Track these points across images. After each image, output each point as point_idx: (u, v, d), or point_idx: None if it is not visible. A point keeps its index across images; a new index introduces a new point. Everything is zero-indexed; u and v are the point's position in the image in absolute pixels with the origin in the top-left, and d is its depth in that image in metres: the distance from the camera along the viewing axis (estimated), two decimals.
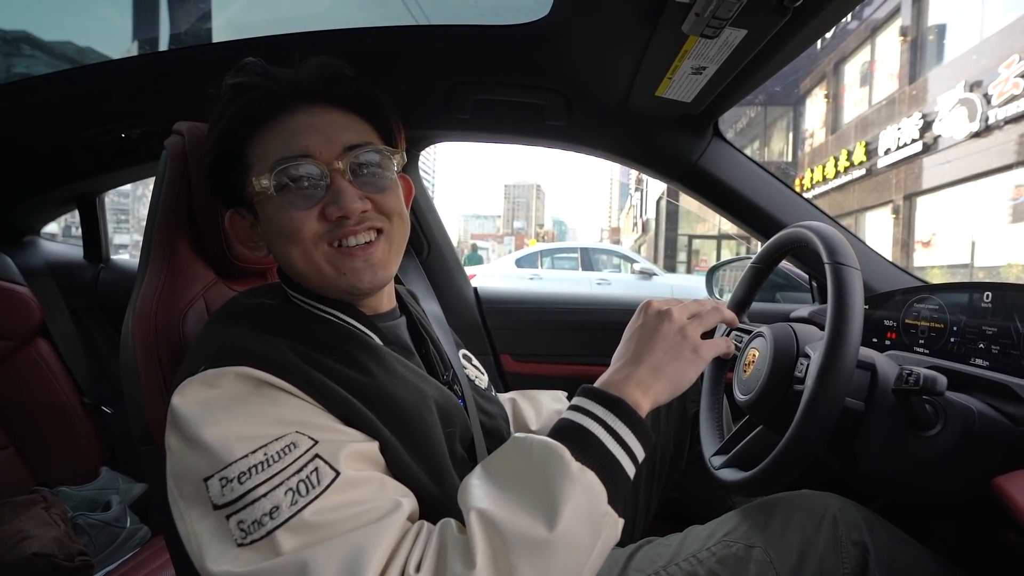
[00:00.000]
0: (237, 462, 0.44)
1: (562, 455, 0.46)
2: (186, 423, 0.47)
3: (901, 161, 9.36)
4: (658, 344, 0.55)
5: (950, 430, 0.64)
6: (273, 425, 0.47)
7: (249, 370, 0.49)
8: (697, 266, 15.90)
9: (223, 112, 0.58)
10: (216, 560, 0.43)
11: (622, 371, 0.54)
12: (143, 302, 0.64)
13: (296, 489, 0.44)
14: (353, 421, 0.51)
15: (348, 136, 0.57)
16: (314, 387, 0.51)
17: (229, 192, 0.60)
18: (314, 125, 0.56)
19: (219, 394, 0.49)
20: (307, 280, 0.59)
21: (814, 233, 0.67)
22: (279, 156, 0.55)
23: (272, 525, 0.43)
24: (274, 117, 0.56)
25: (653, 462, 0.93)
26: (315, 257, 0.56)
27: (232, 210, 0.62)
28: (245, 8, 1.85)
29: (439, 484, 0.55)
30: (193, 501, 0.46)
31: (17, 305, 1.28)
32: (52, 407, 1.31)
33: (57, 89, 1.11)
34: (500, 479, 0.48)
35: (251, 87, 0.57)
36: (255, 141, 0.57)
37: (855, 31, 11.33)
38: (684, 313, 0.58)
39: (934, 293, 0.91)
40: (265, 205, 0.57)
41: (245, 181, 0.57)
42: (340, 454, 0.47)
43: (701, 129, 1.12)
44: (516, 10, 0.92)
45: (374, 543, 0.43)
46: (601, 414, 0.50)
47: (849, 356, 0.57)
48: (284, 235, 0.56)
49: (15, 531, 0.99)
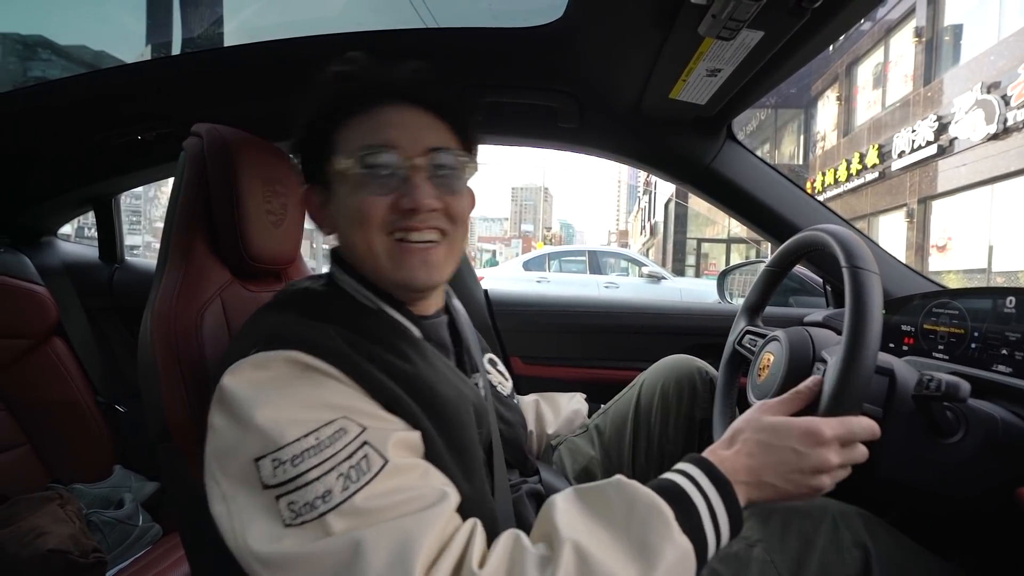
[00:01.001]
0: (290, 445, 0.45)
1: (668, 518, 0.46)
2: (237, 403, 0.48)
3: (915, 164, 9.23)
4: (791, 472, 0.53)
5: (972, 437, 0.63)
6: (323, 410, 0.48)
7: (298, 354, 0.51)
8: (706, 270, 15.79)
9: (322, 95, 0.61)
10: (261, 539, 0.44)
11: (743, 459, 0.53)
12: (162, 302, 0.65)
13: (347, 475, 0.45)
14: (396, 409, 0.52)
15: (431, 137, 0.60)
16: (359, 374, 0.52)
17: (307, 170, 0.64)
18: (402, 121, 0.59)
19: (269, 376, 0.50)
20: (363, 265, 0.61)
21: (831, 236, 0.66)
22: (364, 143, 0.58)
23: (324, 508, 0.44)
24: (366, 108, 0.60)
25: (661, 465, 0.92)
26: (376, 244, 0.58)
27: (309, 185, 0.65)
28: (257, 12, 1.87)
29: (470, 481, 0.55)
30: (239, 480, 0.47)
31: (35, 304, 1.30)
32: (67, 405, 1.32)
33: (74, 92, 1.12)
34: (597, 516, 0.48)
35: (351, 77, 0.60)
36: (345, 127, 0.60)
37: (869, 32, 11.20)
38: (837, 451, 0.54)
39: (954, 298, 0.89)
40: (342, 185, 0.60)
41: (328, 160, 0.60)
42: (388, 441, 0.48)
43: (715, 131, 1.11)
44: (529, 12, 0.92)
45: (424, 530, 0.43)
46: (707, 489, 0.50)
47: (868, 361, 0.56)
48: (353, 216, 0.58)
49: (31, 527, 1.00)
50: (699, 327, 1.39)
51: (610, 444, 0.95)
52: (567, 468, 0.92)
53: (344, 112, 0.60)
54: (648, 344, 1.37)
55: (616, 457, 0.93)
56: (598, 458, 0.93)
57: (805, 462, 0.52)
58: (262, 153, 0.77)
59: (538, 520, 0.50)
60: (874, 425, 0.56)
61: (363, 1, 1.33)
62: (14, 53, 2.79)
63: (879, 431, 0.57)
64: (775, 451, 0.53)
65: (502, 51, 1.01)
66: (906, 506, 0.77)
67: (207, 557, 0.70)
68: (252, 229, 0.73)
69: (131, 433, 1.38)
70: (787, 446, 0.53)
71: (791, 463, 0.53)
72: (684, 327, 1.40)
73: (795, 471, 0.53)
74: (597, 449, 0.94)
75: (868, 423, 0.56)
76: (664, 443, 0.93)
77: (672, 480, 0.51)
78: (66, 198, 1.45)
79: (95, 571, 1.02)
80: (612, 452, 0.94)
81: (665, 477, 0.52)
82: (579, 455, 0.94)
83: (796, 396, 0.60)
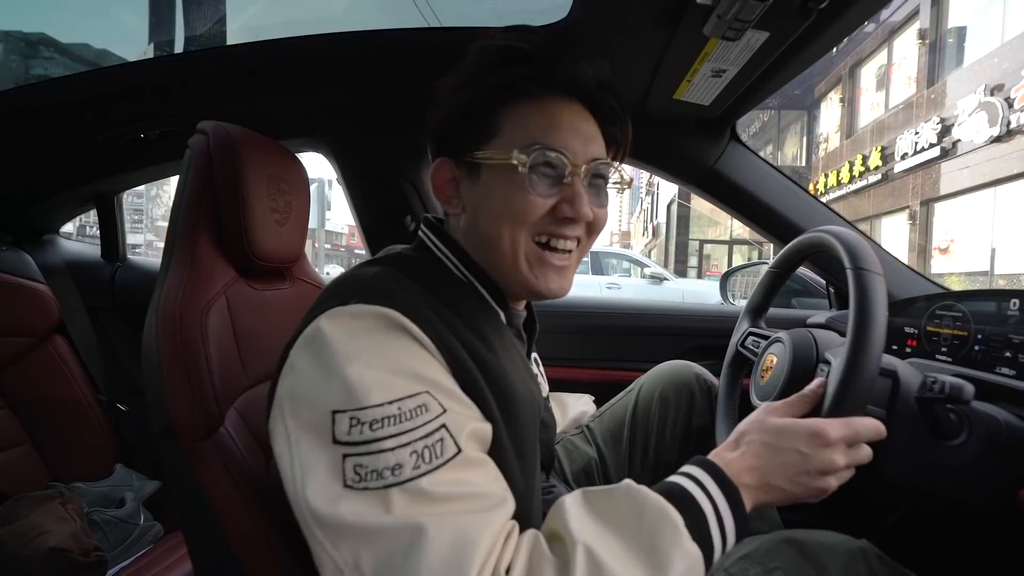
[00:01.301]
0: (372, 408, 0.44)
1: (679, 525, 0.46)
2: (329, 349, 0.47)
3: (918, 166, 9.22)
4: (798, 474, 0.53)
5: (975, 440, 0.63)
6: (409, 379, 0.47)
7: (394, 313, 0.49)
8: (708, 271, 15.77)
9: (486, 69, 0.57)
10: (319, 492, 0.43)
11: (749, 461, 0.53)
12: (167, 300, 0.65)
13: (421, 453, 0.44)
14: (472, 393, 0.51)
15: (596, 147, 0.59)
16: (447, 347, 0.50)
17: (452, 143, 0.59)
18: (575, 125, 0.57)
19: (365, 327, 0.49)
20: (498, 259, 0.58)
21: (836, 238, 0.66)
22: (539, 139, 0.55)
23: (392, 480, 0.43)
24: (540, 96, 0.56)
25: (656, 471, 0.92)
26: (520, 244, 0.57)
27: (443, 159, 0.60)
28: (261, 11, 1.87)
29: (525, 478, 0.54)
30: (310, 427, 0.46)
31: (37, 302, 1.30)
32: (69, 403, 1.32)
33: (76, 91, 1.13)
34: (607, 521, 0.47)
35: (530, 57, 0.56)
36: (513, 109, 0.56)
37: (872, 34, 11.18)
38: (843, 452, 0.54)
39: (957, 300, 0.89)
40: (496, 174, 0.56)
41: (482, 142, 0.57)
42: (464, 430, 0.47)
43: (719, 132, 1.11)
44: (534, 12, 0.91)
45: (483, 532, 0.43)
46: (714, 494, 0.49)
47: (872, 363, 0.56)
48: (507, 210, 0.56)
49: (32, 526, 1.00)
50: (701, 328, 1.39)
51: (607, 447, 0.94)
52: (565, 468, 0.92)
53: (516, 92, 0.56)
54: (650, 345, 1.37)
55: (613, 461, 0.93)
56: (596, 458, 0.93)
57: (811, 463, 0.52)
58: (267, 151, 0.77)
59: (547, 523, 0.50)
60: (879, 425, 0.56)
61: (367, 0, 1.33)
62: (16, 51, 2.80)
63: (884, 431, 0.56)
64: (781, 453, 0.53)
65: None
66: (909, 508, 0.76)
67: (210, 556, 0.70)
68: (257, 227, 0.73)
69: (132, 432, 1.38)
70: (793, 448, 0.53)
71: (797, 465, 0.52)
72: (686, 328, 1.40)
73: (801, 472, 0.52)
74: (595, 449, 0.94)
75: (873, 423, 0.56)
76: (661, 451, 0.92)
77: (680, 484, 0.50)
78: (68, 196, 1.45)
79: (96, 570, 1.02)
80: (609, 455, 0.94)
81: (672, 481, 0.51)
82: (577, 455, 0.94)
83: (801, 399, 0.59)
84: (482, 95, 0.57)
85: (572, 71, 0.57)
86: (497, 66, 0.57)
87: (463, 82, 0.58)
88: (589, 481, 0.91)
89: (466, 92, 0.57)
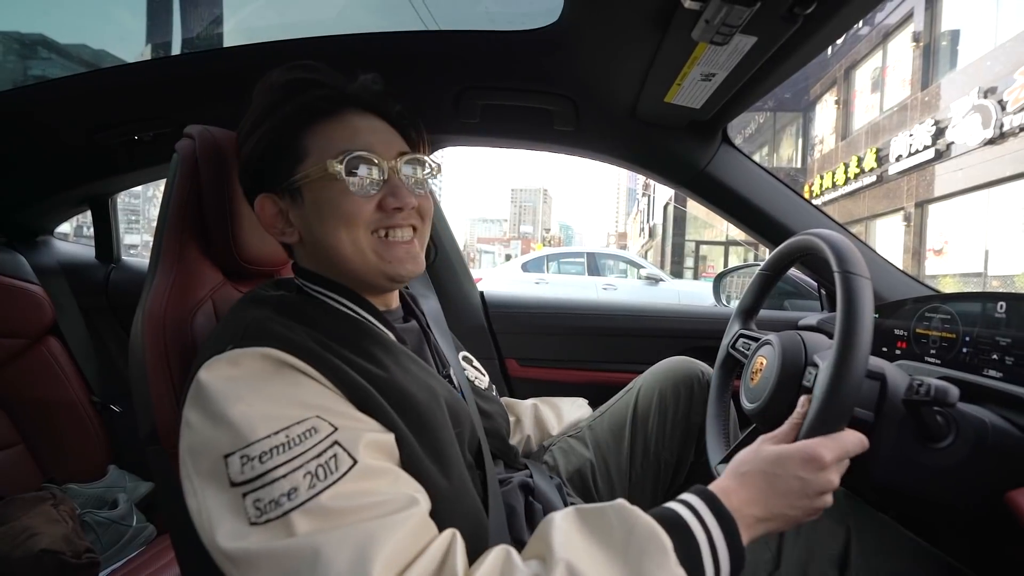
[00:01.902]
0: (259, 441, 0.45)
1: (666, 548, 0.46)
2: (211, 399, 0.48)
3: (913, 168, 9.27)
4: (798, 499, 0.54)
5: (962, 442, 0.64)
6: (295, 408, 0.48)
7: (273, 351, 0.51)
8: (704, 272, 15.82)
9: (280, 101, 0.61)
10: (227, 536, 0.44)
11: (750, 492, 0.53)
12: (153, 303, 0.65)
13: (315, 473, 0.45)
14: (370, 411, 0.52)
15: (400, 145, 0.64)
16: (334, 373, 0.52)
17: (267, 177, 0.63)
18: (374, 128, 0.63)
19: (244, 372, 0.50)
20: (346, 263, 0.62)
21: (823, 241, 0.66)
22: (346, 147, 0.59)
23: (289, 506, 0.43)
24: (335, 113, 0.61)
25: (657, 471, 0.92)
26: (362, 242, 0.61)
27: (265, 194, 0.63)
28: (256, 13, 1.87)
29: (448, 479, 0.55)
30: (209, 477, 0.47)
31: (30, 304, 1.30)
32: (62, 405, 1.32)
33: (72, 91, 1.13)
34: (594, 538, 0.48)
35: (316, 84, 0.62)
36: (314, 131, 0.61)
37: (867, 37, 11.25)
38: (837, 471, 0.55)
39: (946, 302, 0.89)
40: (320, 189, 0.60)
41: (295, 166, 0.60)
42: (359, 442, 0.48)
43: (710, 135, 1.12)
44: (526, 16, 0.92)
45: (387, 535, 0.43)
46: (709, 523, 0.50)
47: (859, 366, 0.56)
48: (339, 218, 0.60)
49: (23, 528, 0.99)
50: (695, 330, 1.40)
51: (607, 449, 0.94)
52: (560, 468, 0.92)
53: (312, 117, 0.61)
54: (644, 347, 1.37)
55: (613, 463, 0.93)
56: (593, 461, 0.93)
57: (810, 487, 0.54)
58: None
59: (534, 537, 0.50)
60: (863, 438, 0.57)
61: (361, 3, 1.33)
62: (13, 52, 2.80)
63: (868, 443, 0.57)
64: (780, 480, 0.54)
65: (499, 54, 1.02)
66: (897, 511, 0.77)
67: (196, 559, 0.70)
68: (244, 231, 0.73)
69: (126, 433, 1.38)
70: (791, 474, 0.54)
71: (797, 490, 0.54)
72: (680, 330, 1.40)
73: (801, 497, 0.54)
74: (592, 452, 0.94)
75: (858, 437, 0.57)
76: (660, 450, 0.93)
77: (674, 511, 0.51)
78: (63, 197, 1.44)
79: (87, 571, 1.01)
80: (609, 457, 0.94)
81: (668, 507, 0.52)
82: (573, 456, 0.94)
83: (793, 427, 0.60)
84: (283, 124, 0.61)
85: (356, 86, 0.63)
86: (289, 97, 0.61)
87: (260, 119, 0.62)
88: (583, 483, 0.91)
89: (268, 126, 0.61)
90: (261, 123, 0.62)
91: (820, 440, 0.55)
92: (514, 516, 0.70)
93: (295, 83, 0.62)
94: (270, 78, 0.63)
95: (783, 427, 0.61)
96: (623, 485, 0.92)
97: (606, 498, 0.91)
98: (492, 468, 0.67)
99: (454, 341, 0.87)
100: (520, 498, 0.73)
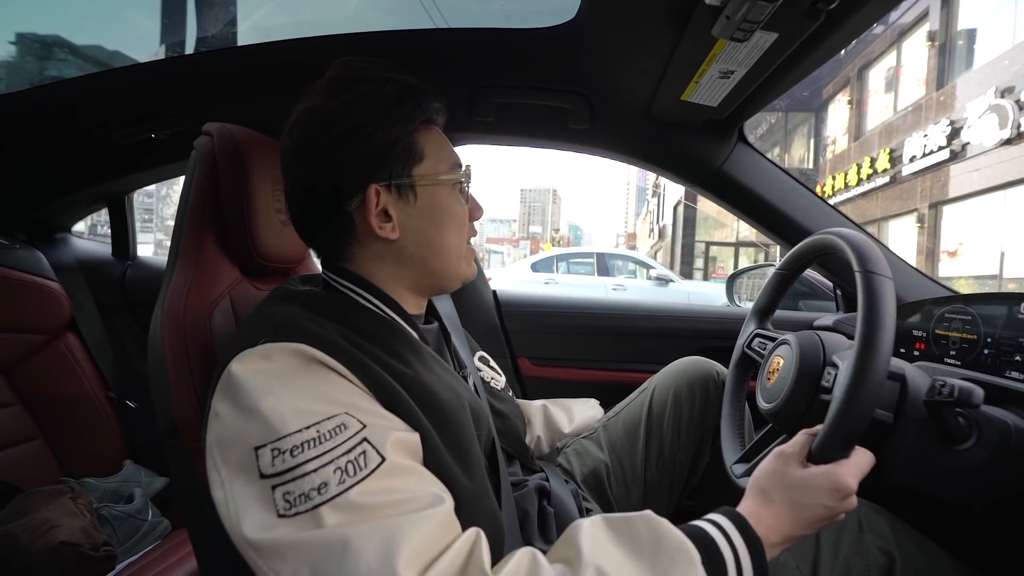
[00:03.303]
0: (291, 435, 0.46)
1: (695, 559, 0.47)
2: (243, 391, 0.49)
3: (927, 169, 9.15)
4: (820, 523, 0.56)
5: (984, 444, 0.63)
6: (325, 404, 0.49)
7: (304, 347, 0.51)
8: (714, 273, 15.72)
9: (400, 100, 0.62)
10: (255, 528, 0.44)
11: (777, 521, 0.55)
12: (172, 299, 0.66)
13: (344, 469, 0.45)
14: (396, 409, 0.53)
15: None
16: (363, 371, 0.52)
17: (384, 169, 0.62)
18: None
19: (275, 367, 0.51)
20: (446, 265, 0.66)
21: (844, 240, 0.66)
22: (455, 160, 0.66)
23: (319, 500, 0.44)
24: (436, 124, 0.67)
25: (672, 472, 0.92)
26: (461, 248, 0.67)
27: (378, 185, 0.62)
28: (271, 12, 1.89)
29: (470, 478, 0.56)
30: (238, 468, 0.47)
31: (48, 300, 1.31)
32: (79, 400, 1.34)
33: (89, 91, 1.14)
34: (623, 545, 0.49)
35: (431, 93, 0.65)
36: (427, 138, 0.64)
37: (881, 36, 11.11)
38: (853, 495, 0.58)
39: (967, 303, 0.88)
40: (438, 194, 0.64)
41: (413, 166, 0.63)
42: (387, 440, 0.48)
43: (726, 134, 1.11)
44: (542, 13, 0.92)
45: (412, 531, 0.44)
46: (737, 544, 0.51)
47: (880, 366, 0.56)
48: (451, 220, 0.65)
49: (44, 520, 1.01)
50: (707, 330, 1.39)
51: (621, 450, 0.94)
52: (575, 470, 0.92)
53: (427, 125, 0.65)
54: (657, 346, 1.37)
55: (628, 464, 0.93)
56: (608, 463, 0.92)
57: (834, 513, 0.56)
58: (272, 152, 0.78)
59: (560, 541, 0.51)
60: (871, 454, 0.59)
61: (375, 1, 1.34)
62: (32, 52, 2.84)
63: (875, 460, 0.59)
64: (808, 510, 0.56)
65: (513, 52, 1.01)
66: (916, 513, 0.76)
67: (214, 554, 0.71)
68: (262, 228, 0.74)
69: (141, 429, 1.40)
70: (818, 503, 0.55)
71: (822, 516, 0.56)
72: (693, 330, 1.40)
73: (824, 520, 0.56)
74: (607, 454, 0.93)
75: (869, 455, 0.59)
76: (675, 451, 0.92)
77: (702, 528, 0.51)
78: (80, 195, 1.46)
79: (105, 564, 1.03)
80: (624, 458, 0.93)
81: (695, 524, 0.52)
82: (588, 458, 0.93)
83: (809, 437, 0.60)
84: (405, 123, 0.62)
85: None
86: (411, 99, 0.63)
87: (376, 112, 0.61)
88: (598, 484, 0.91)
89: (390, 122, 0.61)
90: (382, 116, 0.61)
91: (844, 468, 0.56)
92: (527, 520, 0.70)
93: (414, 88, 0.64)
94: (367, 72, 0.62)
95: (798, 436, 0.61)
96: (638, 486, 0.91)
97: (621, 500, 0.90)
98: (505, 470, 0.67)
99: (470, 342, 0.87)
100: (535, 502, 0.73)
